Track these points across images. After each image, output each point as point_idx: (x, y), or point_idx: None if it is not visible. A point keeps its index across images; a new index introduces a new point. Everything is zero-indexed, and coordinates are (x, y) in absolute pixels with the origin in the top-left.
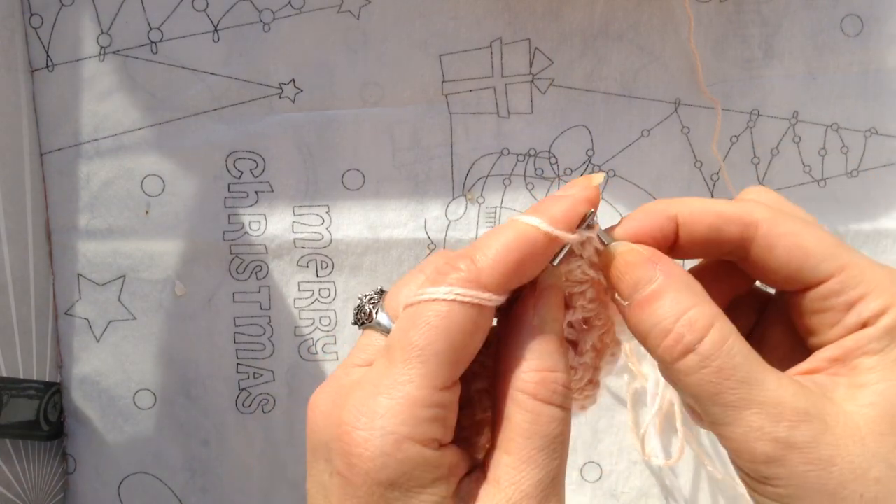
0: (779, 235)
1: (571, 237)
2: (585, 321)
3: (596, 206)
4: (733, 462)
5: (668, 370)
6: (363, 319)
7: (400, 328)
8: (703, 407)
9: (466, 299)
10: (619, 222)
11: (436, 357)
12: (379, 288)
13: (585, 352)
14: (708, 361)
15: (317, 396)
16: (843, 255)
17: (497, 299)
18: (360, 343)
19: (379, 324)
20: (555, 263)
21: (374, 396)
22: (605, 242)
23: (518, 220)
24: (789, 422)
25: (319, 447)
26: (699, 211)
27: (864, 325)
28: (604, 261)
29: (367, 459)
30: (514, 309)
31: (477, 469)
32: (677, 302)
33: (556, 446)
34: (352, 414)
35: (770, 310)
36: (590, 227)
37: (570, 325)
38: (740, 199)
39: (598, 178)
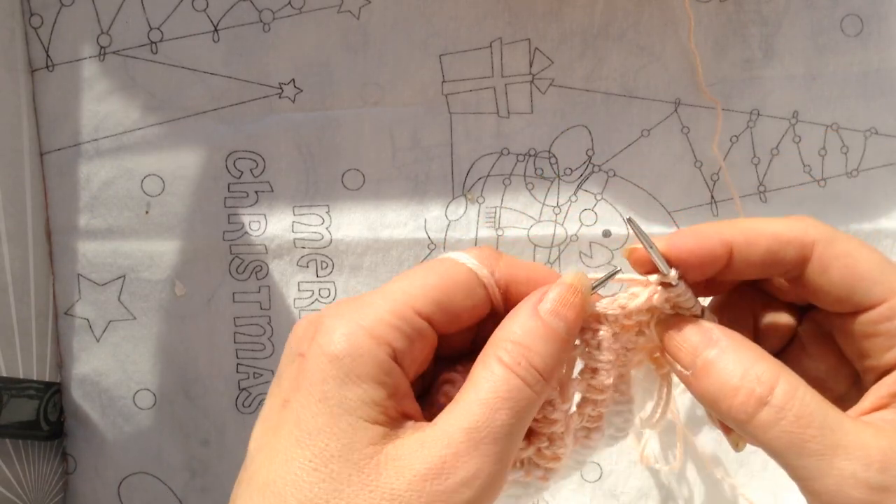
0: (834, 257)
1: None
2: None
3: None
4: None
5: (746, 429)
6: None
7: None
8: (788, 461)
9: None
10: (669, 237)
11: (426, 291)
12: None
13: (565, 406)
14: (784, 412)
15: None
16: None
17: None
18: None
19: None
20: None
21: (359, 299)
22: (663, 271)
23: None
24: (879, 464)
25: (294, 351)
26: (755, 235)
27: None
28: (659, 332)
29: (324, 333)
30: (528, 297)
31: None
32: (740, 360)
33: (500, 406)
34: (332, 308)
35: (806, 331)
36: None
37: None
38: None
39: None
